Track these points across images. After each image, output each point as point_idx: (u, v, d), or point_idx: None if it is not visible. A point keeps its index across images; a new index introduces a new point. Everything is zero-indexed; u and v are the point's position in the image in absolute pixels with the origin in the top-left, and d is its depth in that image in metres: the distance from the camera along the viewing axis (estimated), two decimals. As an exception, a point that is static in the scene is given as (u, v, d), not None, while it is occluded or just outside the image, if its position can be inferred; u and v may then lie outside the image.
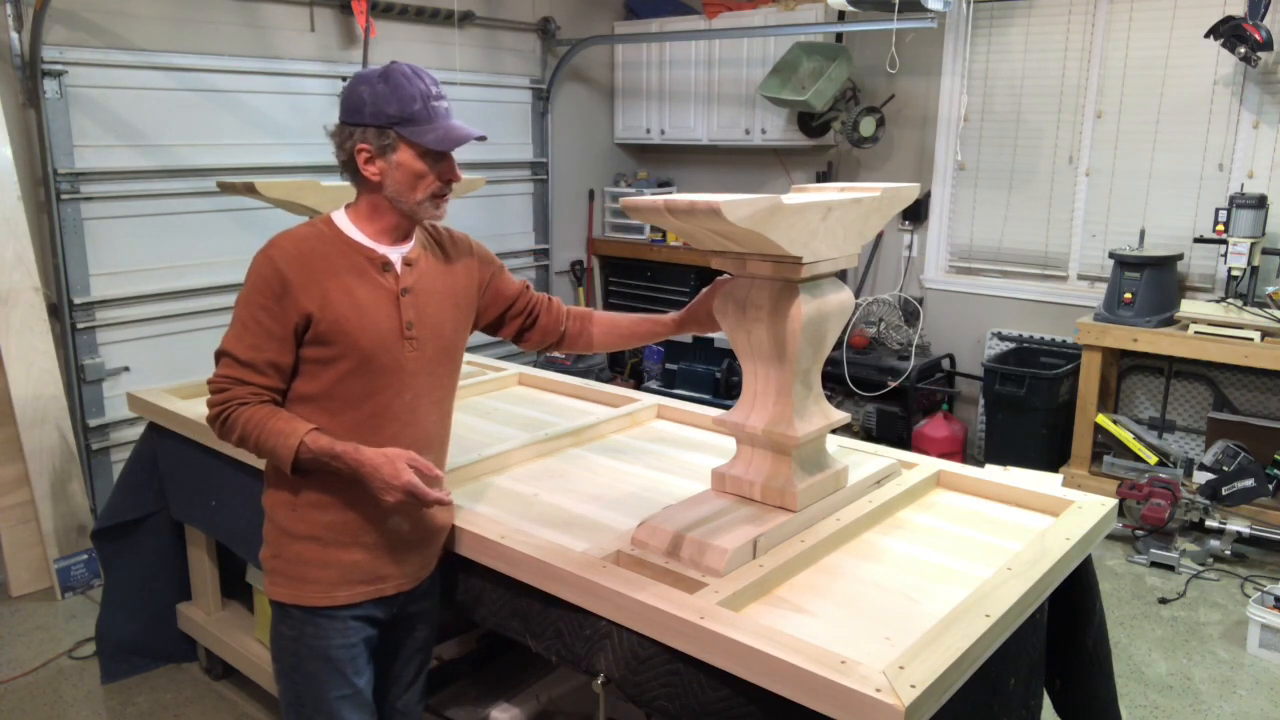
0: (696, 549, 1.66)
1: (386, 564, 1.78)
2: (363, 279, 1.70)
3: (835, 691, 1.30)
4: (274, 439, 1.64)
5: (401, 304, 1.73)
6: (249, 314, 1.66)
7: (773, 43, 5.40)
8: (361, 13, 4.47)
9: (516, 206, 5.84)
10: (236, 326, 1.67)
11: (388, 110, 1.65)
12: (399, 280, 1.74)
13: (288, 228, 1.72)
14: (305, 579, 1.74)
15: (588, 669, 1.63)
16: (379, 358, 1.71)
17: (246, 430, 1.65)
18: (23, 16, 3.60)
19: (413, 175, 1.69)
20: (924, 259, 5.30)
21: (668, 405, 2.71)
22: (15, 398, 3.50)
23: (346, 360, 1.68)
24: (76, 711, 2.87)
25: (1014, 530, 1.92)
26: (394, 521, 1.77)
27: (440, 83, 1.75)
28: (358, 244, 1.72)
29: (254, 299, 1.66)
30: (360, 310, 1.69)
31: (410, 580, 1.83)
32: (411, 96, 1.65)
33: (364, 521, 1.74)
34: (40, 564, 3.60)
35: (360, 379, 1.70)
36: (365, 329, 1.69)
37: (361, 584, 1.76)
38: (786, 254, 1.64)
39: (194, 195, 4.12)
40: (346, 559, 1.75)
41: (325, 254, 1.69)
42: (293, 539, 1.75)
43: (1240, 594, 3.56)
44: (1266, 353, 3.81)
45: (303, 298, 1.64)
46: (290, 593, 1.75)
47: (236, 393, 1.65)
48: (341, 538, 1.74)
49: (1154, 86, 4.47)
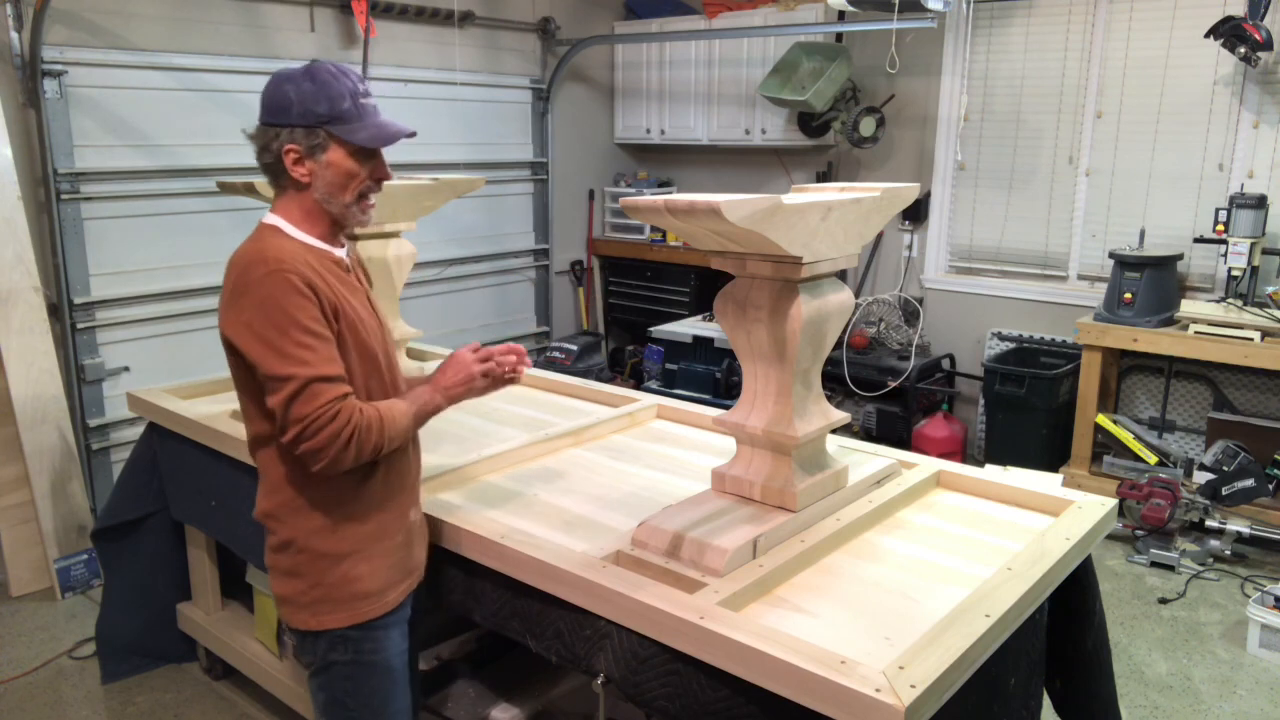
0: (696, 549, 1.66)
1: (415, 554, 1.82)
2: (343, 282, 1.68)
3: (835, 691, 1.30)
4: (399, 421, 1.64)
5: (372, 300, 1.78)
6: (304, 334, 1.54)
7: (773, 43, 5.40)
8: (361, 13, 4.47)
9: (516, 206, 5.83)
10: (299, 351, 1.53)
11: (317, 109, 1.60)
12: (362, 280, 1.77)
13: (262, 249, 1.59)
14: (359, 595, 1.69)
15: (588, 669, 1.63)
16: (383, 354, 1.73)
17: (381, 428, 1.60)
18: (23, 16, 3.60)
19: (344, 175, 1.64)
20: (924, 259, 5.30)
21: (668, 405, 2.71)
22: (15, 398, 3.50)
23: (365, 363, 1.68)
24: (76, 711, 2.87)
25: (1014, 530, 1.92)
26: (414, 513, 1.81)
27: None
28: (319, 249, 1.67)
29: (300, 315, 1.54)
30: (359, 311, 1.68)
31: (422, 571, 1.87)
32: (340, 94, 1.61)
33: (396, 518, 1.75)
34: (40, 564, 3.60)
35: (376, 379, 1.71)
36: (370, 329, 1.70)
37: (401, 580, 1.77)
38: (786, 254, 1.64)
39: (194, 195, 4.12)
40: (390, 561, 1.74)
41: (309, 263, 1.62)
42: (336, 560, 1.68)
43: (1240, 594, 3.56)
44: (1266, 353, 3.81)
45: (330, 302, 1.60)
46: (344, 616, 1.69)
47: (349, 404, 1.57)
48: (381, 542, 1.72)
49: (1154, 86, 4.47)
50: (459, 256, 5.43)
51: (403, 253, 2.82)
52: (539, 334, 6.12)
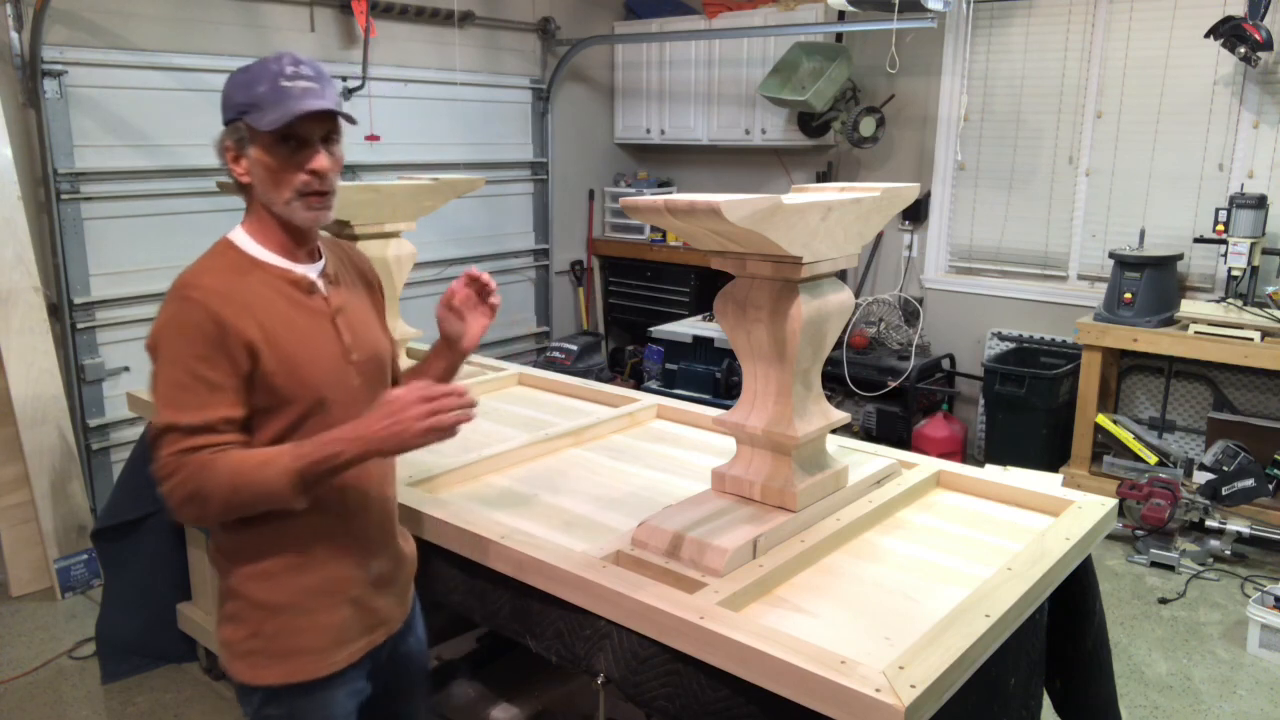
0: (696, 549, 1.66)
1: (375, 611, 1.62)
2: (294, 306, 1.49)
3: (835, 691, 1.30)
4: (258, 474, 1.36)
5: (338, 326, 1.54)
6: (183, 373, 1.38)
7: (773, 43, 5.40)
8: (361, 13, 4.48)
9: (516, 206, 5.84)
10: (170, 391, 1.39)
11: (236, 99, 1.44)
12: (328, 301, 1.55)
13: (192, 268, 1.47)
14: (297, 651, 1.52)
15: (588, 669, 1.63)
16: (332, 390, 1.51)
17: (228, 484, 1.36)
18: (23, 16, 3.60)
19: (266, 170, 1.45)
20: (924, 259, 5.30)
21: (668, 405, 2.71)
22: (15, 398, 3.50)
23: (299, 402, 1.47)
24: (76, 711, 2.87)
25: (1014, 530, 1.92)
26: (376, 565, 1.61)
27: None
28: (275, 266, 1.50)
29: (186, 352, 1.39)
30: (304, 341, 1.48)
31: (398, 619, 1.70)
32: (258, 79, 1.42)
33: (348, 571, 1.56)
34: (40, 564, 3.60)
35: (317, 419, 1.48)
36: (315, 361, 1.48)
37: (355, 640, 1.59)
38: (786, 254, 1.64)
39: (194, 195, 4.12)
40: (337, 619, 1.55)
41: (247, 284, 1.45)
42: (274, 613, 1.51)
43: (1240, 594, 3.55)
44: (1266, 353, 3.81)
45: (245, 340, 1.41)
46: (281, 671, 1.53)
47: (198, 459, 1.37)
48: (328, 599, 1.54)
49: (1154, 86, 4.47)
50: (459, 256, 5.44)
51: (403, 253, 2.82)
52: (539, 334, 6.12)
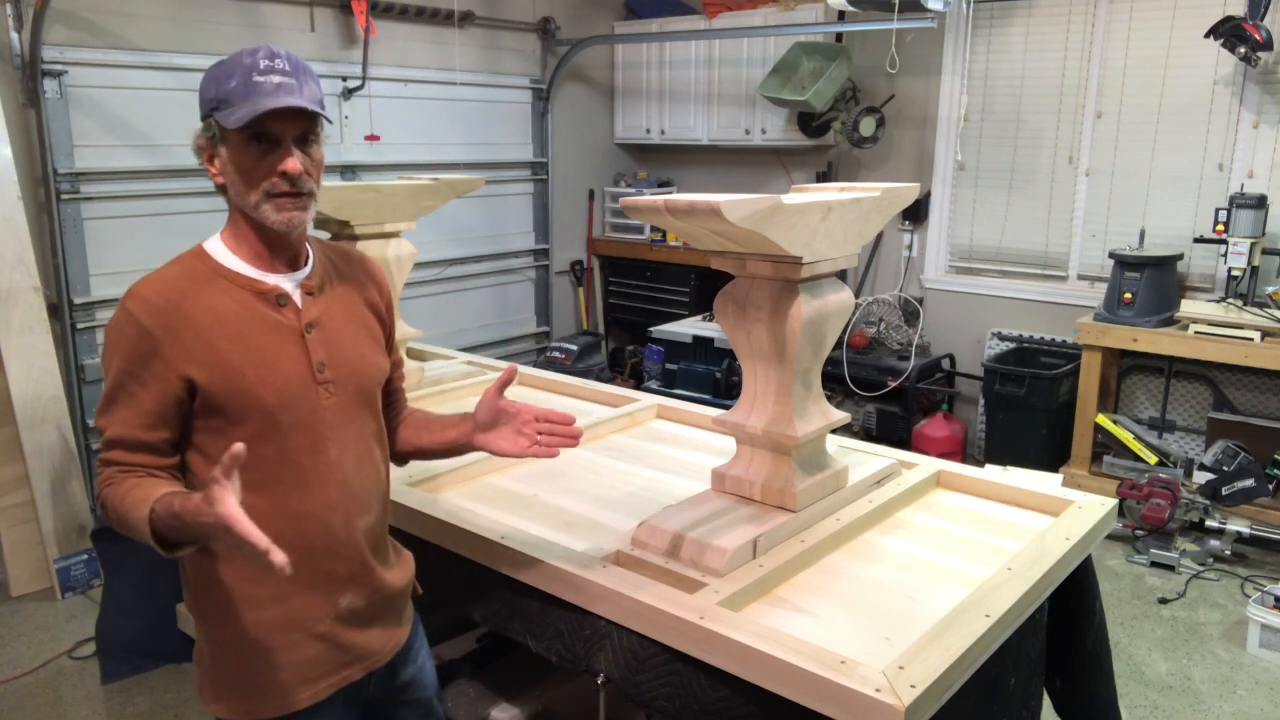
0: (696, 549, 1.66)
1: (350, 647, 1.51)
2: (254, 319, 1.40)
3: (835, 691, 1.30)
4: (134, 514, 1.27)
5: (308, 342, 1.43)
6: (114, 383, 1.35)
7: (773, 43, 5.40)
8: (361, 13, 4.48)
9: (516, 206, 5.83)
10: (104, 398, 1.37)
11: (208, 94, 1.36)
12: (300, 314, 1.44)
13: (149, 275, 1.40)
14: (255, 687, 1.44)
15: (588, 669, 1.63)
16: (289, 412, 1.39)
17: (116, 513, 1.30)
18: (23, 16, 3.60)
19: (236, 168, 1.37)
20: (924, 259, 5.30)
21: (668, 405, 2.71)
22: (15, 398, 3.50)
23: (249, 423, 1.37)
24: (76, 711, 2.87)
25: (1014, 530, 1.92)
26: (348, 600, 1.49)
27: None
28: (242, 276, 1.41)
29: (117, 364, 1.34)
30: (257, 358, 1.38)
31: (384, 653, 1.57)
32: (230, 73, 1.34)
33: (313, 610, 1.45)
34: (40, 564, 3.60)
35: (269, 443, 1.38)
36: (267, 380, 1.38)
37: (323, 677, 1.48)
38: (786, 254, 1.64)
39: (194, 195, 4.12)
40: (300, 656, 1.45)
41: (200, 295, 1.37)
42: (231, 646, 1.44)
43: (1240, 594, 3.55)
44: (1266, 353, 3.81)
45: (178, 358, 1.33)
46: (239, 708, 1.45)
47: (106, 474, 1.34)
48: (289, 636, 1.44)
49: (1154, 86, 4.47)
50: (459, 256, 5.44)
51: (403, 253, 2.82)
52: (539, 334, 6.12)
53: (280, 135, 1.36)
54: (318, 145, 1.42)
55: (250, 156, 1.36)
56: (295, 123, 1.37)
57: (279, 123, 1.35)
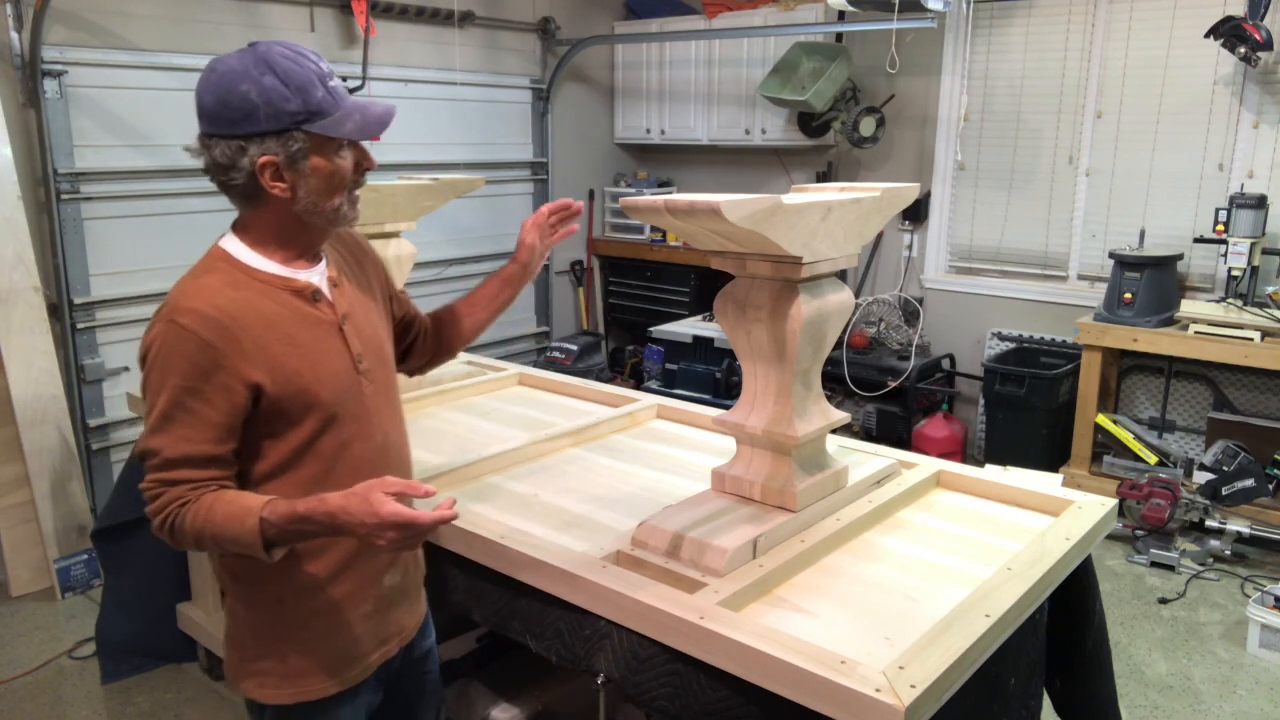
0: (696, 549, 1.66)
1: (388, 624, 1.59)
2: (299, 319, 1.41)
3: (835, 691, 1.30)
4: (231, 526, 1.30)
5: (346, 335, 1.47)
6: (171, 402, 1.32)
7: (773, 43, 5.40)
8: (361, 13, 4.48)
9: (516, 206, 5.83)
10: (155, 418, 1.33)
11: (288, 108, 1.32)
12: (334, 308, 1.47)
13: (182, 289, 1.38)
14: (305, 672, 1.50)
15: (588, 669, 1.63)
16: (342, 405, 1.44)
17: (199, 530, 1.32)
18: (23, 16, 3.60)
19: (331, 177, 1.38)
20: (924, 259, 5.30)
21: (668, 405, 2.71)
22: (15, 398, 3.50)
23: (308, 423, 1.40)
24: (76, 711, 2.87)
25: (1014, 530, 1.92)
26: (389, 578, 1.57)
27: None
28: (275, 276, 1.42)
29: (173, 382, 1.31)
30: (310, 359, 1.40)
31: (412, 627, 1.68)
32: (309, 83, 1.33)
33: (360, 591, 1.52)
34: (40, 564, 3.60)
35: (326, 439, 1.43)
36: (322, 378, 1.41)
37: (367, 655, 1.56)
38: (786, 254, 1.64)
39: (194, 195, 4.12)
40: (348, 636, 1.52)
41: (249, 302, 1.37)
42: (282, 632, 1.49)
43: (1240, 594, 3.55)
44: (1266, 353, 3.81)
45: (244, 367, 1.33)
46: (291, 692, 1.50)
47: (174, 494, 1.33)
48: (340, 617, 1.50)
49: (1154, 86, 4.47)
50: (459, 256, 5.44)
51: (403, 253, 2.82)
52: (539, 334, 6.12)
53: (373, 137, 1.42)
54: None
55: (342, 163, 1.40)
56: None
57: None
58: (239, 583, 1.50)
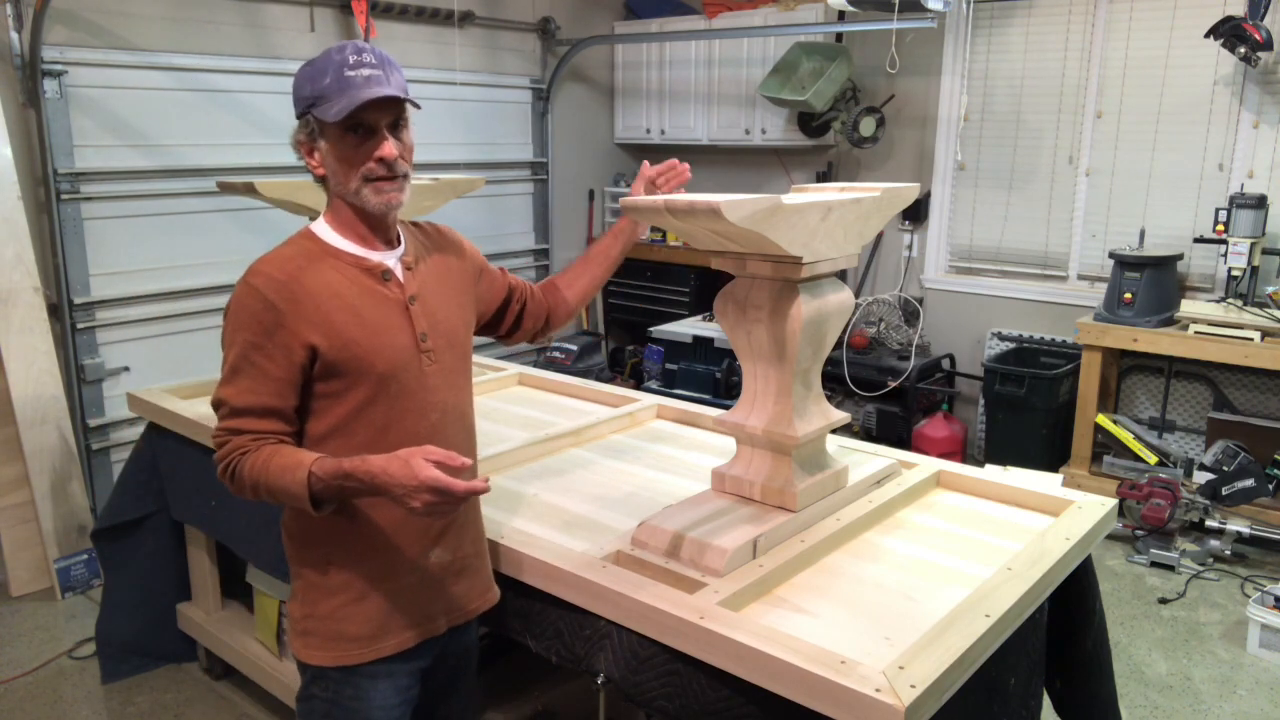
0: (696, 549, 1.66)
1: (434, 599, 1.63)
2: (365, 293, 1.52)
3: (835, 691, 1.30)
4: (283, 477, 1.41)
5: (412, 313, 1.56)
6: (239, 355, 1.46)
7: (773, 43, 5.40)
8: (361, 13, 4.47)
9: (516, 206, 5.84)
10: (226, 370, 1.47)
11: (304, 92, 1.47)
12: (404, 288, 1.57)
13: (264, 255, 1.53)
14: (345, 636, 1.56)
15: (588, 669, 1.63)
16: (397, 379, 1.52)
17: (255, 478, 1.44)
18: (23, 16, 3.60)
19: (337, 160, 1.49)
20: (924, 259, 5.30)
21: (668, 405, 2.71)
22: (15, 398, 3.50)
23: (361, 389, 1.50)
24: (76, 711, 2.87)
25: (1014, 530, 1.92)
26: (436, 554, 1.61)
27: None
28: (349, 254, 1.54)
29: (242, 337, 1.45)
30: (370, 329, 1.50)
31: (464, 612, 1.68)
32: (323, 71, 1.45)
33: (405, 561, 1.58)
34: (40, 564, 3.60)
35: (379, 407, 1.52)
36: (380, 349, 1.51)
37: (409, 628, 1.60)
38: (786, 254, 1.64)
39: (194, 195, 4.12)
40: (390, 606, 1.57)
41: (318, 272, 1.49)
42: (328, 593, 1.56)
43: (1240, 594, 3.55)
44: (1266, 353, 3.81)
45: (303, 328, 1.45)
46: (330, 654, 1.56)
47: (237, 443, 1.46)
48: (381, 584, 1.56)
49: (1154, 86, 4.47)
50: (459, 256, 5.43)
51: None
52: (539, 334, 6.12)
53: (375, 124, 1.47)
54: (407, 130, 1.54)
55: (349, 146, 1.48)
56: (387, 111, 1.48)
57: (373, 112, 1.46)
58: (294, 542, 1.60)
